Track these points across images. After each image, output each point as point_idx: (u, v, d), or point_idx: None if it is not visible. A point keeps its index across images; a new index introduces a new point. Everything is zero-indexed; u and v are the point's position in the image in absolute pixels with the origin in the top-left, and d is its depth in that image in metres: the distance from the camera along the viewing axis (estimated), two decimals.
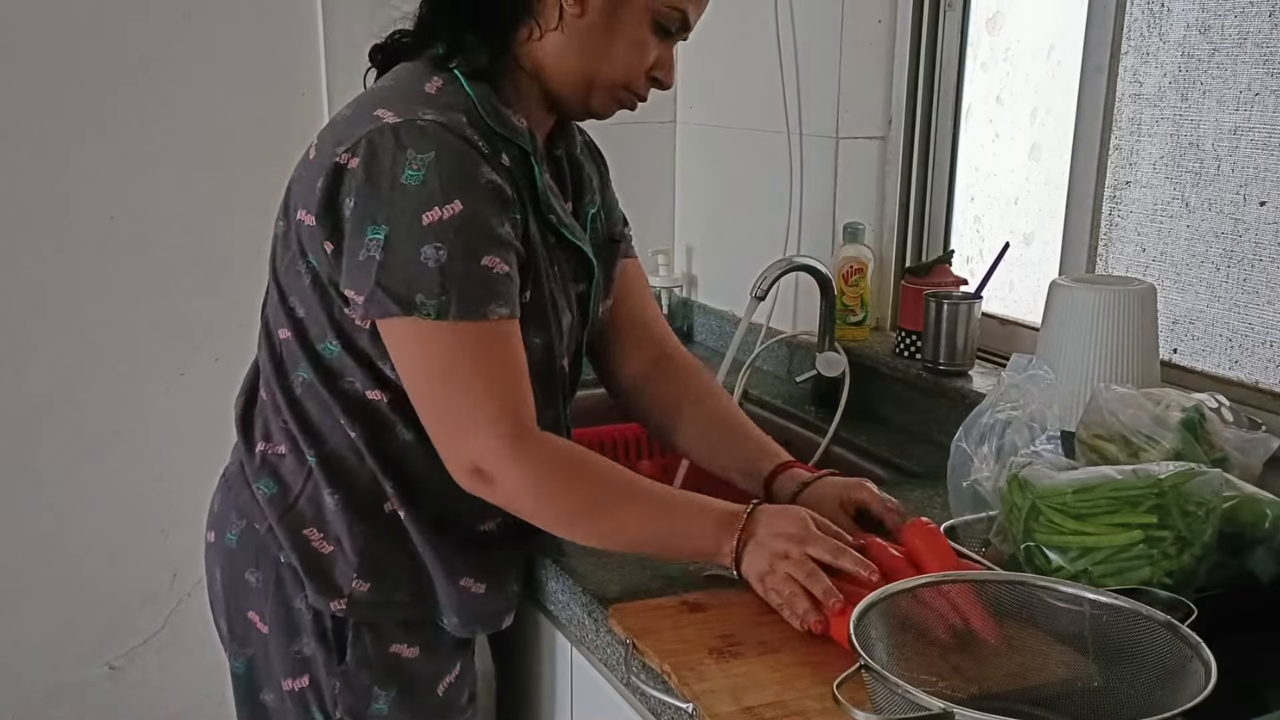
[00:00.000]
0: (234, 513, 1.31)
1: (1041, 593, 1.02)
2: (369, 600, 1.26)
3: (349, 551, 1.25)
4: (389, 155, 1.12)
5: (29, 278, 1.99)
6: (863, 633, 0.93)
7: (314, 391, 1.23)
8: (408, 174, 1.11)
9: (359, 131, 1.14)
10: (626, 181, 2.33)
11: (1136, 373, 1.38)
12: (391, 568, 1.26)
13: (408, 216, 1.11)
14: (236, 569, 1.31)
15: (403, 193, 1.11)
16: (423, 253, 1.11)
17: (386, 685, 1.29)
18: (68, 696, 2.15)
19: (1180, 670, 0.91)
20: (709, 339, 2.37)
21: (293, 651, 1.29)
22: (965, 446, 1.31)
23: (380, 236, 1.11)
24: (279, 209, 1.26)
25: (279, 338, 1.25)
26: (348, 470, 1.24)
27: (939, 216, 2.00)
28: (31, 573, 2.08)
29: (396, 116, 1.14)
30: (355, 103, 1.22)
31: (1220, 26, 1.49)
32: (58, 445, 2.06)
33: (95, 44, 1.95)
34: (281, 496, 1.26)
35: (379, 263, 1.11)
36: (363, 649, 1.28)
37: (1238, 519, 1.11)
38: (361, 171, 1.13)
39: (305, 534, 1.25)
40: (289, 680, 1.29)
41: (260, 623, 1.30)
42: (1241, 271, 1.50)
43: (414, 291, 1.11)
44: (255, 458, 1.29)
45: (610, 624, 1.17)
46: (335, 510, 1.24)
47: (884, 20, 1.98)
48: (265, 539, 1.27)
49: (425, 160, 1.11)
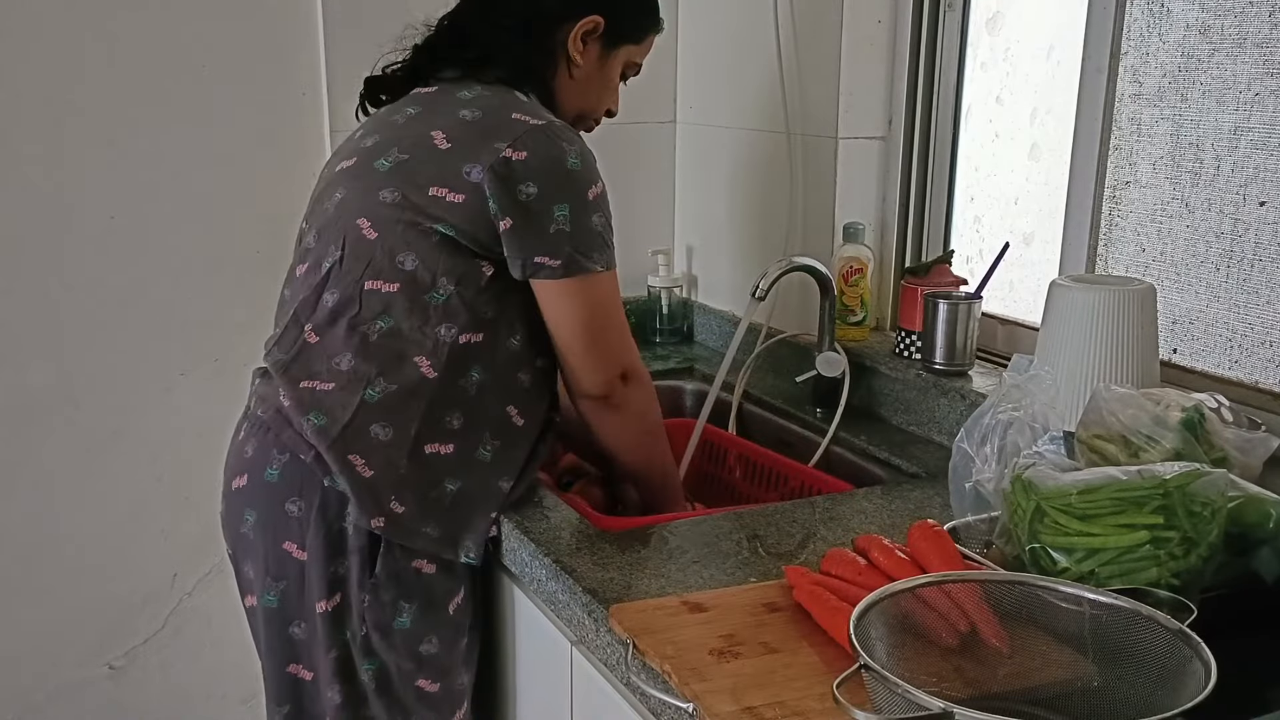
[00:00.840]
0: (275, 449, 1.44)
1: (1041, 592, 1.02)
2: (403, 522, 1.42)
3: (391, 478, 1.41)
4: (552, 148, 1.39)
5: (29, 278, 1.99)
6: (863, 633, 0.93)
7: (396, 336, 1.41)
8: (570, 161, 1.40)
9: (512, 131, 1.39)
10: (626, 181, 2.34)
11: (1136, 373, 1.38)
12: (427, 500, 1.43)
13: (580, 194, 1.40)
14: (275, 502, 1.44)
15: (571, 176, 1.40)
16: (594, 221, 1.42)
17: (410, 599, 1.45)
18: (68, 696, 2.15)
19: (1180, 670, 0.91)
20: (709, 339, 2.37)
21: (329, 572, 1.43)
22: (966, 447, 1.30)
23: (566, 212, 1.39)
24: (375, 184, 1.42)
25: (363, 288, 1.42)
26: (407, 409, 1.41)
27: (939, 216, 2.00)
28: (31, 572, 2.08)
29: (536, 119, 1.41)
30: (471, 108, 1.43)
31: (1220, 27, 1.49)
32: (58, 445, 2.06)
33: (95, 44, 1.95)
34: (329, 426, 1.40)
35: (569, 233, 1.40)
36: (392, 562, 1.43)
37: (1242, 519, 1.11)
38: (535, 161, 1.38)
39: (351, 459, 1.40)
40: (323, 602, 1.43)
41: (298, 550, 1.43)
42: (1241, 271, 1.50)
43: (593, 250, 1.42)
44: (302, 394, 1.43)
45: (610, 624, 1.17)
46: (384, 441, 1.40)
47: (884, 20, 1.98)
48: (311, 467, 1.41)
49: (576, 151, 1.41)
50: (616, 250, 1.47)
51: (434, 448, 1.43)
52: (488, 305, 1.43)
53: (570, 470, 1.80)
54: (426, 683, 1.48)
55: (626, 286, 2.40)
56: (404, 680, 1.47)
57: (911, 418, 1.83)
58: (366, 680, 1.46)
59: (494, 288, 1.43)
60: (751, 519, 1.45)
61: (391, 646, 1.46)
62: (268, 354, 1.51)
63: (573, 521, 1.46)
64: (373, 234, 1.42)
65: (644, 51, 1.62)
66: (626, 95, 1.66)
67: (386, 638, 1.45)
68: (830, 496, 1.56)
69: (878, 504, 1.51)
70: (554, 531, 1.42)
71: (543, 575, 1.35)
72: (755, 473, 1.82)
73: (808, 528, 1.43)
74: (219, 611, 2.17)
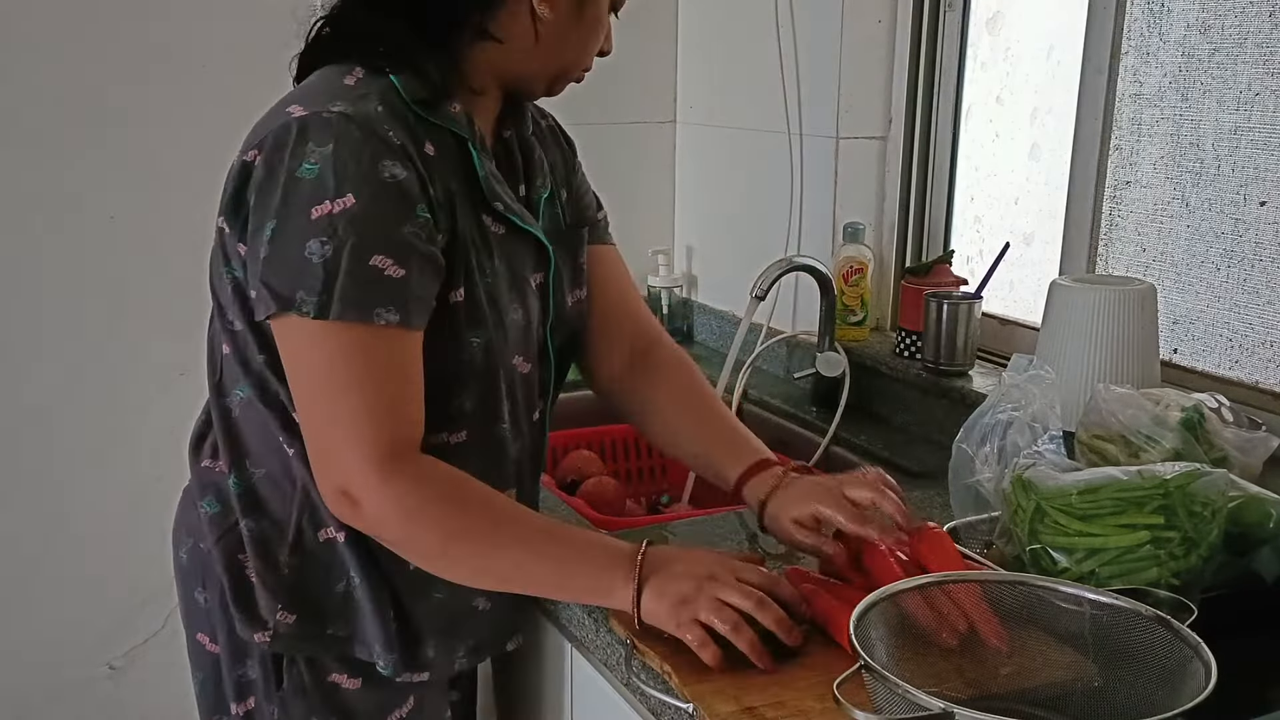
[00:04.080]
0: (184, 530, 1.28)
1: (1042, 593, 1.02)
2: (294, 634, 1.18)
3: (271, 582, 1.17)
4: (289, 149, 1.07)
5: (29, 278, 1.99)
6: (863, 633, 0.93)
7: (252, 408, 1.17)
8: (304, 167, 1.06)
9: (267, 129, 1.10)
10: (626, 181, 2.34)
11: (1136, 373, 1.38)
12: (321, 599, 1.18)
13: (297, 210, 1.05)
14: (188, 587, 1.28)
15: (295, 186, 1.06)
16: (308, 247, 1.04)
17: (325, 716, 1.22)
18: (68, 696, 2.15)
19: (1181, 670, 0.91)
20: (709, 339, 2.37)
21: (237, 675, 1.24)
22: (966, 447, 1.30)
23: (270, 232, 1.06)
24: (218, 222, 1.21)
25: (221, 353, 1.19)
26: (280, 495, 1.17)
27: (939, 216, 2.00)
28: (32, 572, 2.08)
29: (304, 110, 1.09)
30: (276, 103, 1.18)
31: (1220, 26, 1.49)
32: (58, 445, 2.06)
33: (95, 43, 1.95)
34: (222, 516, 1.20)
35: (264, 258, 1.06)
36: (298, 676, 1.21)
37: (1243, 519, 1.11)
38: (262, 167, 1.08)
39: (240, 559, 1.18)
40: (235, 704, 1.25)
41: (210, 644, 1.26)
42: (1241, 271, 1.50)
43: (296, 288, 1.05)
44: (201, 474, 1.24)
45: (610, 624, 1.17)
46: (259, 539, 1.17)
47: (884, 20, 1.98)
48: (209, 558, 1.22)
49: (323, 153, 1.05)
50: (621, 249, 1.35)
51: (326, 534, 1.16)
52: None
53: (573, 471, 1.80)
54: None
55: None
56: None
57: (911, 418, 1.83)
58: None
59: None
60: (751, 519, 1.45)
61: None
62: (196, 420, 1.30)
63: (573, 521, 1.45)
64: (210, 289, 1.20)
65: None
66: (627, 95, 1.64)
67: None
68: None
69: None
70: None
71: None
72: None
73: None
74: None
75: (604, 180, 1.43)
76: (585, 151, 1.42)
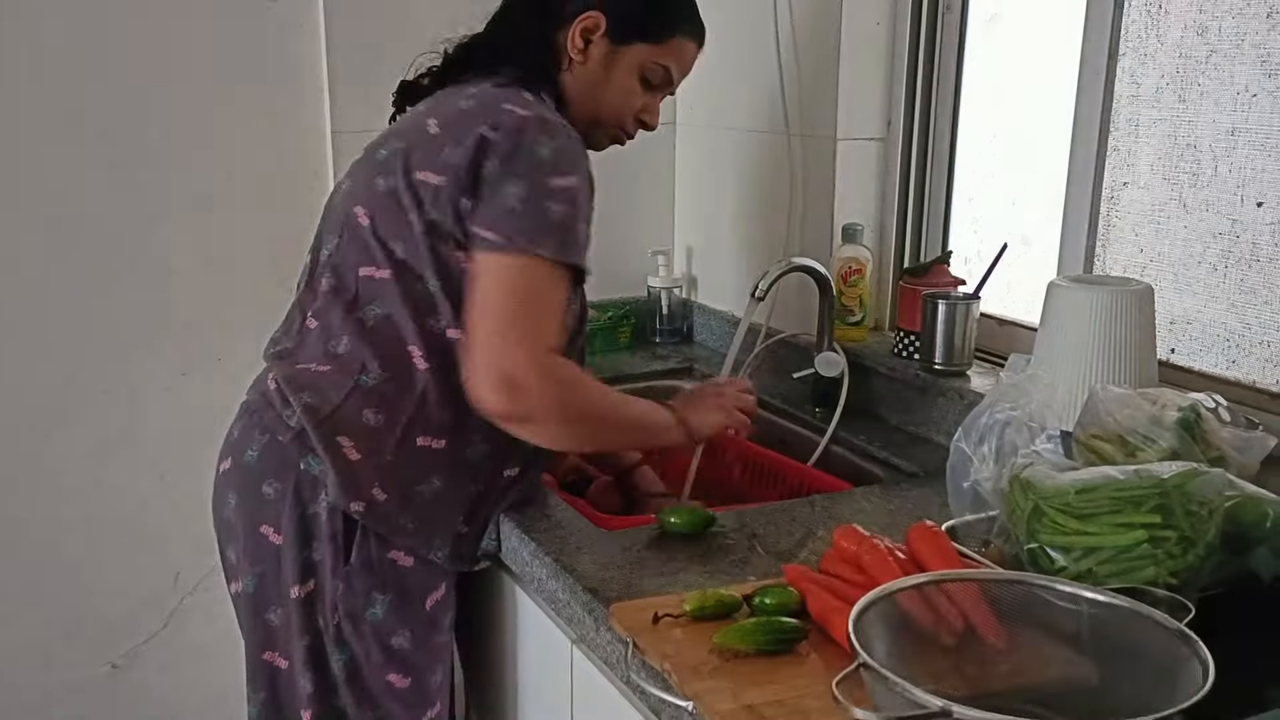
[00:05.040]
0: (256, 430, 1.46)
1: (1040, 591, 1.02)
2: (383, 510, 1.41)
3: (377, 464, 1.40)
4: (528, 135, 1.37)
5: (30, 278, 1.99)
6: (862, 631, 0.94)
7: (390, 323, 1.41)
8: (541, 149, 1.36)
9: (496, 116, 1.38)
10: (626, 181, 2.35)
11: (1134, 373, 1.38)
12: (410, 492, 1.42)
13: (541, 180, 1.36)
14: (252, 485, 1.45)
15: (537, 161, 1.36)
16: (551, 209, 1.35)
17: (384, 590, 1.44)
18: (68, 696, 2.15)
19: (1178, 669, 0.91)
20: (709, 339, 2.37)
21: (303, 556, 1.43)
22: (964, 447, 1.31)
23: (520, 190, 1.35)
24: (373, 173, 1.44)
25: (358, 275, 1.43)
26: (400, 397, 1.40)
27: (938, 217, 2.00)
28: (33, 572, 2.09)
29: (526, 110, 1.39)
30: (470, 99, 1.43)
31: (1218, 28, 1.50)
32: (60, 445, 2.06)
33: (96, 44, 1.96)
34: (321, 405, 1.41)
35: (517, 212, 1.35)
36: (367, 551, 1.42)
37: (1240, 518, 1.12)
38: (506, 144, 1.36)
39: (339, 440, 1.39)
40: (297, 587, 1.43)
41: (274, 534, 1.44)
42: (1239, 272, 1.51)
43: (543, 236, 1.35)
44: (296, 374, 1.44)
45: (611, 623, 1.18)
46: (375, 428, 1.40)
47: (883, 21, 1.98)
48: (288, 449, 1.41)
49: (553, 143, 1.37)
50: (616, 250, 1.47)
51: (425, 440, 1.42)
52: None
53: (574, 470, 1.81)
54: (397, 677, 1.47)
55: (626, 286, 2.45)
56: (374, 672, 1.46)
57: (910, 417, 1.84)
58: (337, 670, 1.45)
59: None
60: (750, 518, 1.46)
61: (361, 636, 1.44)
62: (272, 344, 1.51)
63: (573, 521, 1.46)
64: (366, 220, 1.43)
65: (669, 55, 1.56)
66: None
67: (357, 627, 1.44)
68: (829, 496, 1.56)
69: (876, 503, 1.51)
70: (554, 531, 1.43)
71: (543, 574, 1.36)
72: (754, 472, 1.83)
73: (807, 527, 1.43)
74: (221, 611, 2.17)
75: (604, 180, 1.45)
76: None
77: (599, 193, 1.44)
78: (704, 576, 1.28)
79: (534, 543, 1.39)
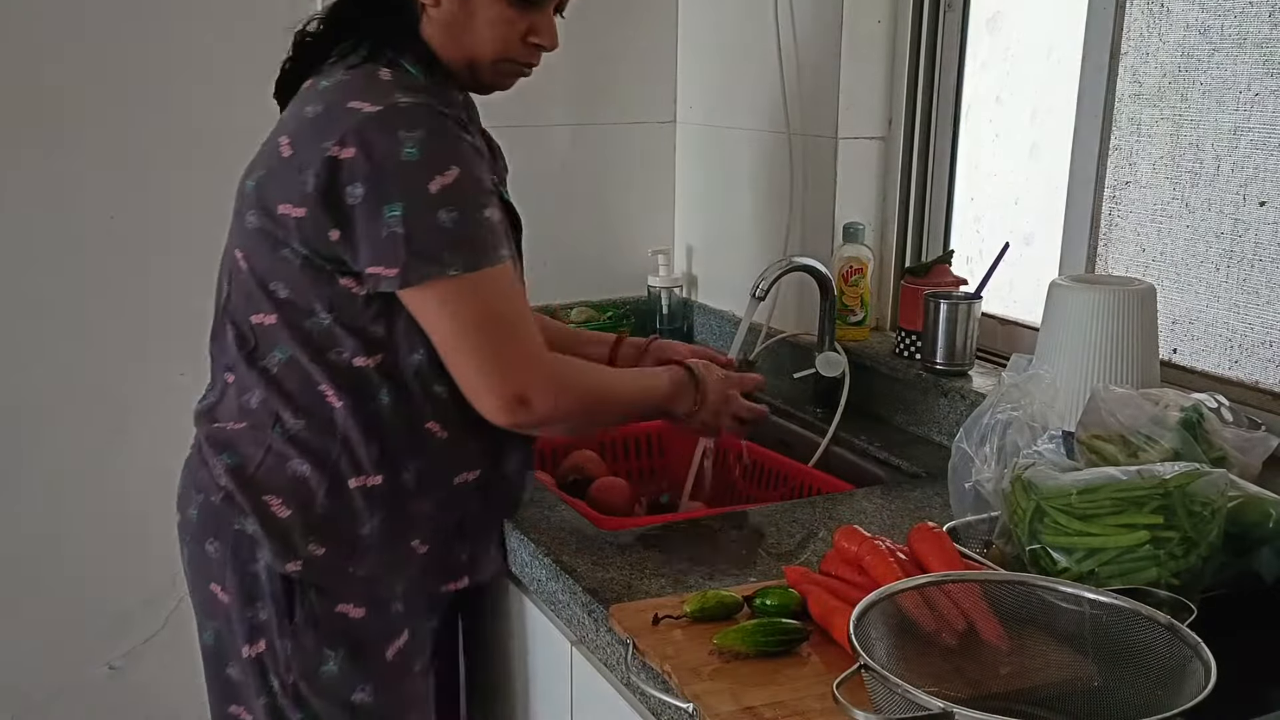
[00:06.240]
0: (193, 489, 1.41)
1: (1041, 593, 1.02)
2: (324, 565, 1.34)
3: (307, 520, 1.33)
4: (383, 139, 1.22)
5: (29, 278, 1.99)
6: (862, 633, 0.94)
7: (295, 367, 1.32)
8: (405, 152, 1.22)
9: (342, 125, 1.24)
10: (626, 181, 2.34)
11: (1136, 373, 1.38)
12: (351, 538, 1.35)
13: (417, 189, 1.22)
14: (196, 543, 1.40)
15: (406, 169, 1.22)
16: (440, 218, 1.23)
17: (335, 645, 1.37)
18: (68, 696, 2.15)
19: (1180, 670, 0.91)
20: (709, 339, 2.37)
21: (248, 617, 1.37)
22: (966, 447, 1.31)
23: (399, 212, 1.22)
24: (244, 207, 1.35)
25: (251, 323, 1.35)
26: (322, 440, 1.33)
27: (939, 216, 2.00)
28: (32, 572, 2.09)
29: (374, 105, 1.24)
30: (318, 101, 1.29)
31: (1220, 27, 1.49)
32: (58, 445, 2.06)
33: (95, 44, 1.95)
34: (242, 465, 1.35)
35: (404, 235, 1.22)
36: (310, 607, 1.35)
37: (1242, 519, 1.12)
38: (361, 159, 1.23)
39: (265, 499, 1.33)
40: (247, 646, 1.37)
41: (221, 592, 1.38)
42: (1241, 271, 1.50)
43: (440, 252, 1.23)
44: (215, 434, 1.38)
45: (610, 624, 1.18)
46: (303, 478, 1.33)
47: (884, 20, 1.98)
48: (221, 509, 1.36)
49: (415, 135, 1.23)
50: (616, 249, 1.42)
51: (358, 481, 1.34)
52: (374, 325, 1.31)
53: (574, 470, 1.80)
54: None
55: (626, 286, 2.45)
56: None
57: (911, 418, 1.83)
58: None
59: (375, 306, 1.30)
60: (751, 518, 1.45)
61: (319, 693, 1.37)
62: (199, 401, 1.45)
63: (573, 521, 1.46)
64: (245, 265, 1.35)
65: None
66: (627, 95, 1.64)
67: (312, 685, 1.37)
68: (830, 496, 1.56)
69: (877, 504, 1.51)
70: (554, 531, 1.42)
71: (543, 575, 1.36)
72: (755, 472, 1.82)
73: (808, 527, 1.43)
74: None
75: (604, 180, 1.44)
76: (586, 151, 1.43)
77: (598, 192, 1.42)
78: (704, 578, 1.28)
79: (533, 543, 1.39)
